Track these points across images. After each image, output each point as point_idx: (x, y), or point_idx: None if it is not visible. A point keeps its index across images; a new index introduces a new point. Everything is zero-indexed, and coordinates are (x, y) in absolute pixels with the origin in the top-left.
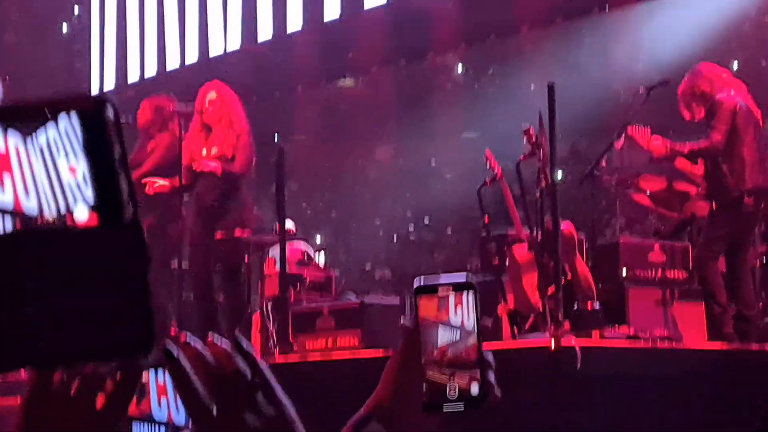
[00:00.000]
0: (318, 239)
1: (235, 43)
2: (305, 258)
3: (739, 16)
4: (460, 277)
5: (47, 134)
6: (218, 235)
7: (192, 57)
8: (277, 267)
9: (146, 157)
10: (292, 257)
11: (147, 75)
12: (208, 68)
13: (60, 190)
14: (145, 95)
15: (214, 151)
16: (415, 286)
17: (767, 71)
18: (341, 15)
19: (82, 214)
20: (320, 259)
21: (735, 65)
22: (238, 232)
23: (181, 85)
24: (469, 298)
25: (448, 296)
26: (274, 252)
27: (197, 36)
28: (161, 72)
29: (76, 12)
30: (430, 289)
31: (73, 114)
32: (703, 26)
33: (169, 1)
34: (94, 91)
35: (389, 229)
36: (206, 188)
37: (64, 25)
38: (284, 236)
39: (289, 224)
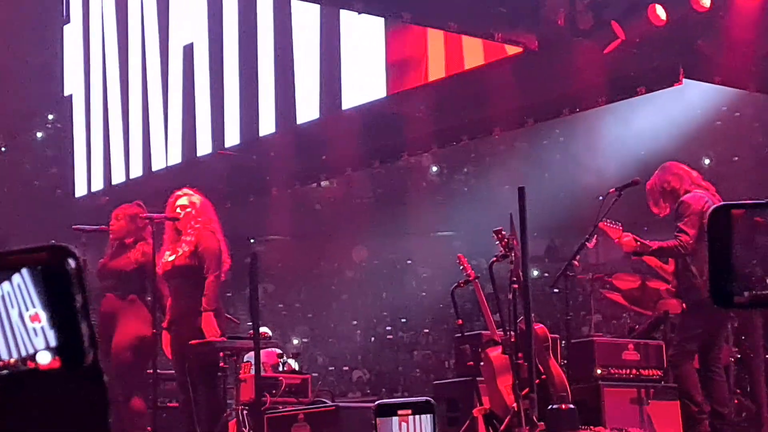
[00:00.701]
0: (294, 341)
1: (206, 148)
2: (281, 362)
3: (710, 114)
4: (419, 400)
5: (11, 283)
6: (193, 340)
7: (159, 164)
8: (253, 371)
9: (129, 263)
10: (268, 361)
11: (115, 181)
12: (178, 174)
13: (25, 335)
14: (117, 201)
15: (181, 252)
16: (374, 407)
17: (738, 167)
18: (316, 117)
19: (44, 359)
20: (296, 364)
21: (706, 162)
22: (212, 337)
23: (149, 192)
24: (427, 420)
25: (407, 418)
26: (250, 356)
27: (163, 143)
28: (128, 179)
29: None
30: (390, 411)
31: (37, 267)
32: (674, 125)
33: (134, 109)
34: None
35: (366, 329)
36: (174, 295)
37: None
38: (258, 341)
39: (266, 330)
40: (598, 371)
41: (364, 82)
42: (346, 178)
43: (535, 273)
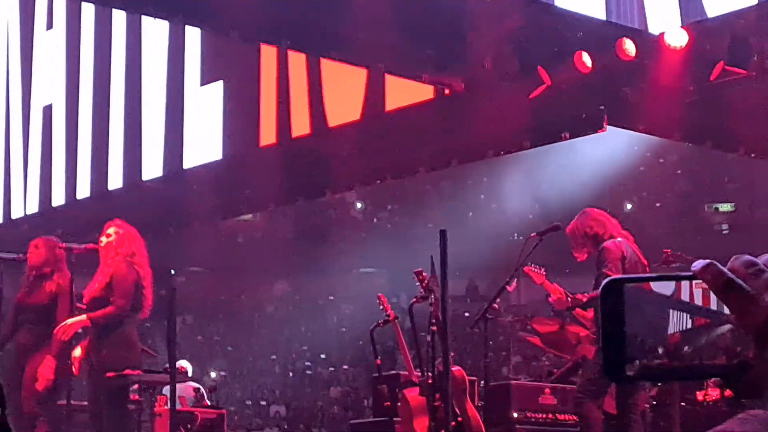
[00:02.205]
0: (212, 374)
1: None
2: (197, 396)
3: (634, 160)
4: None
5: None
6: (108, 373)
7: (83, 192)
8: (168, 405)
9: (45, 295)
10: (185, 395)
11: (30, 211)
12: (97, 204)
13: None
14: (34, 232)
15: (96, 284)
16: None
17: (660, 213)
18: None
19: None
20: (213, 398)
21: (629, 206)
22: (126, 371)
23: (64, 223)
24: None
25: None
26: (166, 390)
27: (89, 172)
28: (46, 208)
29: None
30: None
31: None
32: (596, 170)
33: (57, 137)
34: None
35: (285, 364)
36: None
37: None
38: (174, 374)
39: (185, 363)
40: (515, 414)
41: (292, 115)
42: (269, 213)
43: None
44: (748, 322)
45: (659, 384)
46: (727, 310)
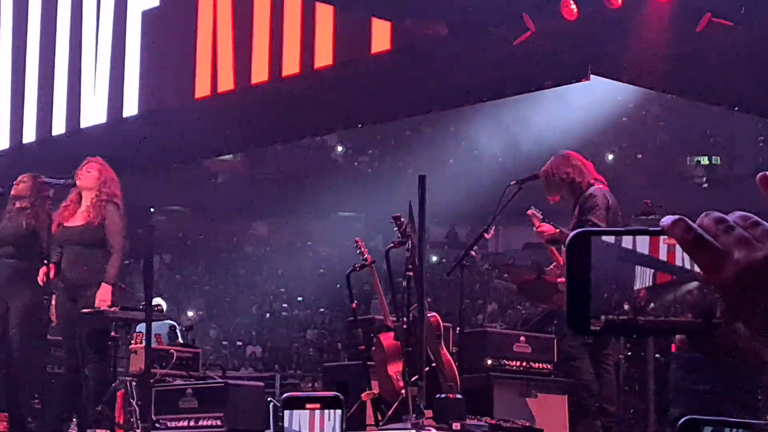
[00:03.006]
0: (189, 314)
1: (102, 117)
2: (174, 333)
3: (616, 110)
4: (328, 395)
5: None
6: (84, 309)
7: (58, 129)
8: (144, 342)
9: (22, 227)
10: (161, 332)
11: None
12: (76, 141)
13: None
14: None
15: (85, 221)
16: (283, 398)
17: (641, 164)
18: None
19: None
20: (187, 336)
21: (610, 157)
22: (103, 306)
23: (44, 157)
24: (335, 415)
25: (314, 411)
26: (142, 327)
27: (65, 108)
28: (17, 145)
29: None
30: (298, 404)
31: None
32: (579, 119)
33: (30, 73)
34: None
35: (262, 305)
36: (69, 261)
37: None
38: (150, 312)
39: (160, 301)
40: (489, 362)
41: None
42: (249, 154)
43: (434, 259)
44: (716, 280)
45: (627, 338)
46: (695, 268)
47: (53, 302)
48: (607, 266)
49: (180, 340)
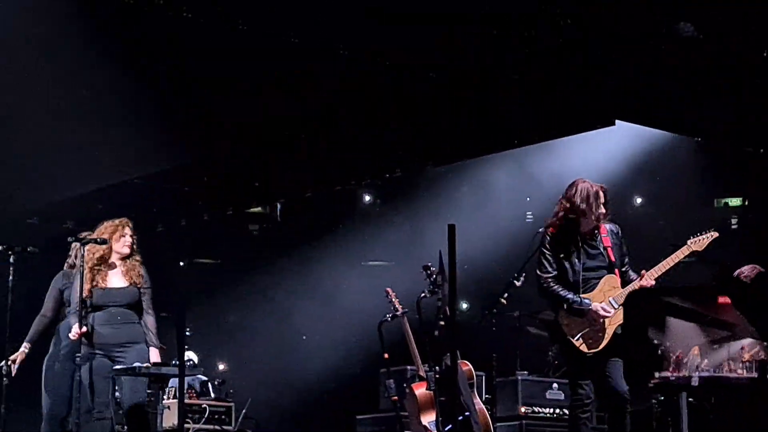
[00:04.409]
0: (220, 367)
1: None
2: (205, 388)
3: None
4: None
5: None
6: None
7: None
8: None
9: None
10: (194, 386)
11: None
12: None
13: None
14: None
15: (121, 280)
16: None
17: (671, 207)
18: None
19: None
20: (220, 389)
21: (638, 200)
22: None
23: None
24: None
25: None
26: (175, 382)
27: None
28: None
29: None
30: None
31: None
32: (606, 163)
33: None
34: None
35: (300, 358)
36: (109, 321)
37: None
38: (183, 367)
39: (191, 355)
40: (522, 409)
41: None
42: (281, 205)
43: (464, 306)
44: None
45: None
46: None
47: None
48: (668, 323)
49: (212, 393)
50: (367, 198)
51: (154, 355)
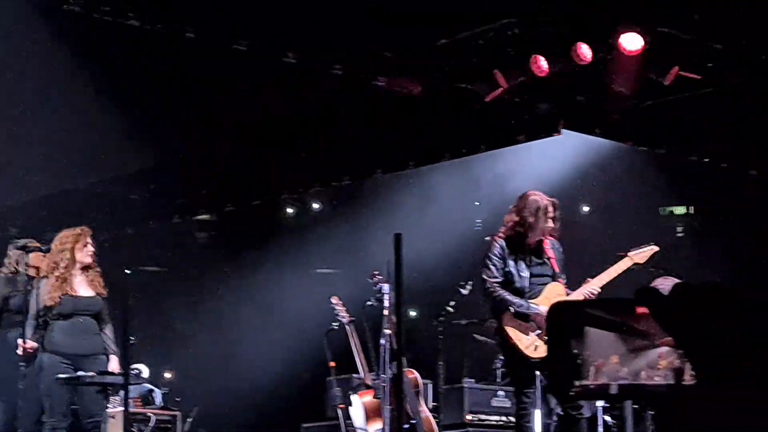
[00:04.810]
0: (167, 375)
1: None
2: (151, 397)
3: (589, 163)
4: None
5: None
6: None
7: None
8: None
9: None
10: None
11: None
12: (51, 204)
13: None
14: None
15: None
16: None
17: (618, 215)
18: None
19: None
20: (167, 398)
21: (586, 209)
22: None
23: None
24: None
25: None
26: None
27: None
28: None
29: None
30: None
31: None
32: (552, 172)
33: None
34: None
35: (246, 367)
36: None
37: None
38: (128, 376)
39: (140, 366)
40: (468, 417)
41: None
42: (229, 213)
43: (412, 314)
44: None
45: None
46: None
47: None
48: (587, 333)
49: (158, 403)
50: (315, 205)
51: (115, 363)
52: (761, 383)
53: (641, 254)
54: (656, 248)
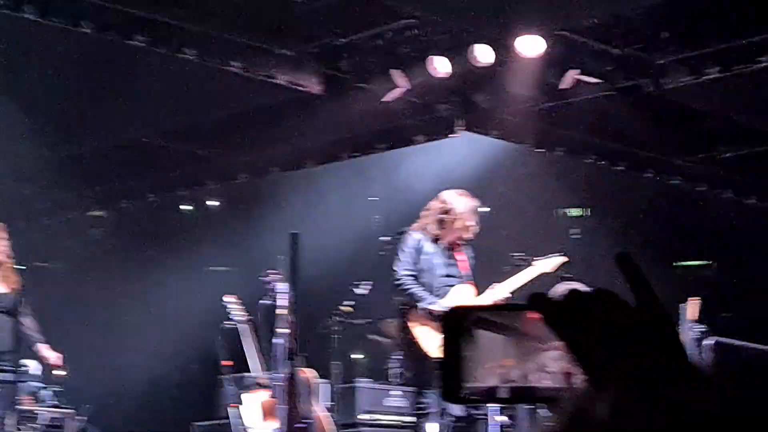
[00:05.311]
0: (59, 373)
1: None
2: (41, 395)
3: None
4: None
5: None
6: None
7: None
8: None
9: None
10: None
11: None
12: None
13: None
14: None
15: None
16: None
17: (516, 217)
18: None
19: None
20: (58, 396)
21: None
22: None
23: None
24: None
25: None
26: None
27: None
28: None
29: None
30: None
31: None
32: (452, 173)
33: None
34: None
35: (138, 365)
36: None
37: None
38: (18, 373)
39: (29, 362)
40: (361, 416)
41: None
42: (124, 210)
43: (308, 314)
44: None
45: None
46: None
47: None
48: (479, 337)
49: (48, 401)
50: (211, 203)
51: (46, 351)
52: (649, 389)
53: (549, 263)
54: (564, 258)
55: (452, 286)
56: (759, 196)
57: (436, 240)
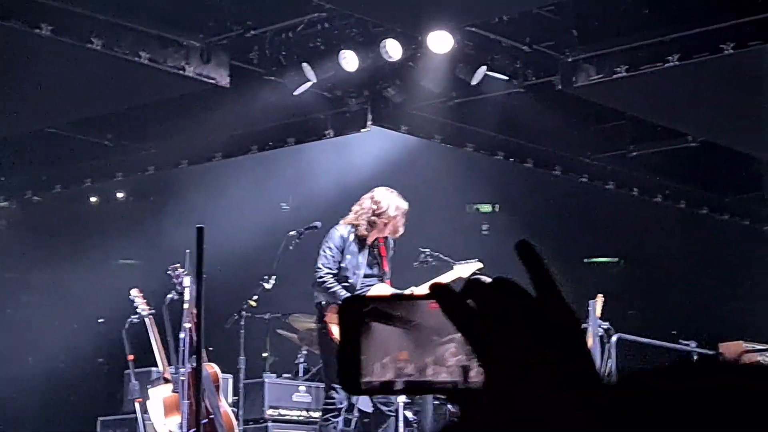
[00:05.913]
0: None
1: None
2: None
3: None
4: None
5: None
6: None
7: None
8: None
9: None
10: None
11: None
12: None
13: None
14: None
15: None
16: None
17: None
18: None
19: None
20: None
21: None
22: None
23: None
24: None
25: None
26: None
27: None
28: None
29: None
30: None
31: None
32: (362, 169)
33: None
34: None
35: (43, 359)
36: None
37: None
38: None
39: None
40: (268, 412)
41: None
42: (30, 200)
43: (215, 308)
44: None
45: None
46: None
47: None
48: (375, 329)
49: None
50: (119, 195)
51: None
52: (548, 382)
53: (466, 268)
54: (480, 264)
55: (371, 285)
56: (665, 195)
57: (363, 238)
